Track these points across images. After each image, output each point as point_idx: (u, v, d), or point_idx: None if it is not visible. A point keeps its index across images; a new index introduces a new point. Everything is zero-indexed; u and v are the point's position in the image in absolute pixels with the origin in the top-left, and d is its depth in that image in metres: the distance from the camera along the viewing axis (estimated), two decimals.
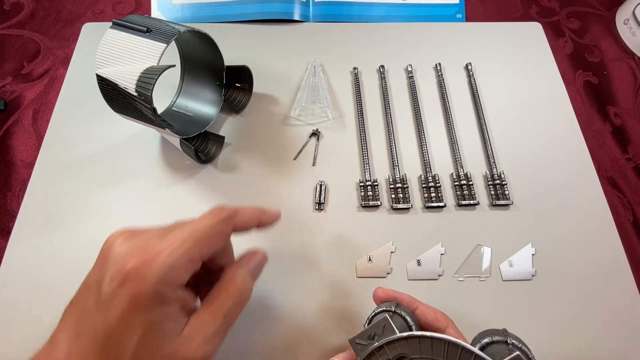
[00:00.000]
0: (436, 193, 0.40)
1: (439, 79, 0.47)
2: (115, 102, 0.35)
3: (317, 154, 0.43)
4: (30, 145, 0.43)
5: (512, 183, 0.41)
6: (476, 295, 0.36)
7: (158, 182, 0.41)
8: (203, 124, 0.42)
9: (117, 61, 0.32)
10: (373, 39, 0.50)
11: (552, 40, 0.51)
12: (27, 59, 0.48)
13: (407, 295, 0.27)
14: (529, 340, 0.25)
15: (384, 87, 0.47)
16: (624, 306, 0.36)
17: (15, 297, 0.35)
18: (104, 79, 0.33)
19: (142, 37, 0.32)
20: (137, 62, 0.31)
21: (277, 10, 0.50)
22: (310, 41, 0.50)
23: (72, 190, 0.40)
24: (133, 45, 0.32)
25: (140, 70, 0.31)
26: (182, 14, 0.51)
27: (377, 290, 0.27)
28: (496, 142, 0.43)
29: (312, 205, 0.40)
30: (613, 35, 0.53)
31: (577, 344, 0.35)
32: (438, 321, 0.26)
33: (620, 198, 0.42)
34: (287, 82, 0.47)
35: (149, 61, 0.31)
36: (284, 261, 0.37)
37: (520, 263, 0.37)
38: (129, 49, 0.32)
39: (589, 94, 0.49)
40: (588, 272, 0.37)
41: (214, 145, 0.42)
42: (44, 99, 0.46)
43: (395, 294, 0.27)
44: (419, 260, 0.37)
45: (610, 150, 0.45)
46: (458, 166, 0.42)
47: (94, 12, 0.52)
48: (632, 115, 0.47)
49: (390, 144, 0.43)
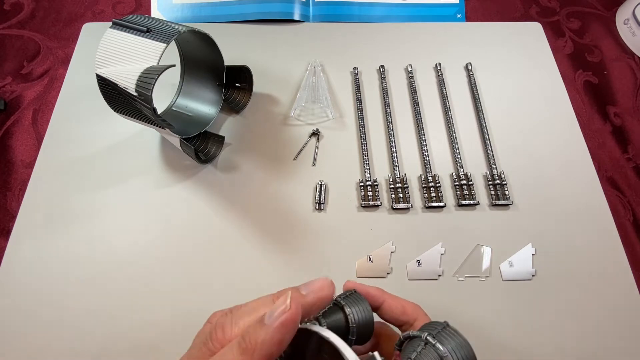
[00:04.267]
0: (436, 193, 0.40)
1: (439, 79, 0.47)
2: (115, 102, 0.35)
3: (317, 154, 0.43)
4: (30, 145, 0.43)
5: (512, 183, 0.41)
6: (476, 295, 0.36)
7: (158, 182, 0.41)
8: (203, 124, 0.42)
9: (117, 61, 0.32)
10: (373, 39, 0.50)
11: (552, 40, 0.51)
12: (27, 59, 0.48)
13: (375, 288, 0.26)
14: (529, 339, 0.25)
15: (384, 87, 0.47)
16: (624, 306, 0.36)
17: (16, 297, 0.35)
18: (104, 79, 0.33)
19: (142, 37, 0.32)
20: (137, 62, 0.31)
21: (277, 10, 0.50)
22: (310, 41, 0.50)
23: (72, 190, 0.40)
24: (133, 45, 0.32)
25: (140, 70, 0.31)
26: (182, 14, 0.51)
27: (347, 283, 0.26)
28: (496, 142, 0.43)
29: (312, 205, 0.40)
30: (613, 35, 0.53)
31: (577, 343, 0.35)
32: (406, 314, 0.25)
33: (620, 198, 0.42)
34: (287, 82, 0.47)
35: (149, 61, 0.31)
36: (283, 261, 0.37)
37: (520, 263, 0.37)
38: (129, 49, 0.32)
39: (589, 94, 0.49)
40: (588, 272, 0.37)
41: (214, 145, 0.42)
42: (44, 99, 0.46)
43: (363, 287, 0.25)
44: (419, 260, 0.37)
45: (610, 150, 0.45)
46: (458, 166, 0.42)
47: (94, 12, 0.52)
48: (632, 115, 0.47)
49: (390, 144, 0.43)
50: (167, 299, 0.35)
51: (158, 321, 0.34)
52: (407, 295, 0.26)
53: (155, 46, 0.31)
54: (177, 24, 0.35)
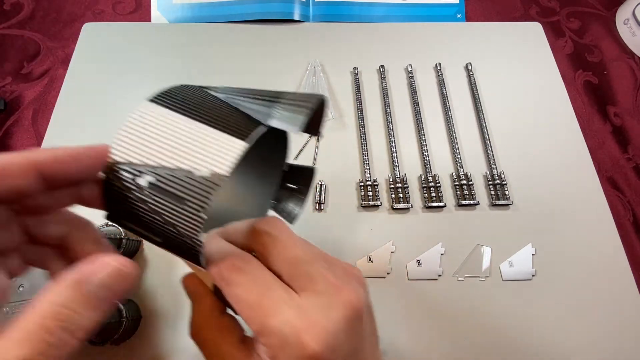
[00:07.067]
0: (436, 193, 0.40)
1: (439, 79, 0.47)
2: (120, 207, 0.18)
3: (317, 154, 0.43)
4: (30, 145, 0.43)
5: (512, 183, 0.41)
6: (476, 295, 0.36)
7: None
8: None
9: (152, 156, 0.17)
10: (373, 39, 0.50)
11: (552, 40, 0.51)
12: (27, 59, 0.48)
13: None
14: (529, 339, 0.25)
15: (384, 87, 0.47)
16: (624, 306, 0.36)
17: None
18: (119, 176, 0.18)
19: (201, 122, 0.18)
20: (182, 162, 0.17)
21: (277, 10, 0.50)
22: (310, 41, 0.50)
23: None
24: (187, 134, 0.18)
25: (201, 186, 0.16)
26: (182, 14, 0.51)
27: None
28: (496, 142, 0.43)
29: (312, 205, 0.40)
30: (613, 35, 0.53)
31: (577, 343, 0.35)
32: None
33: (620, 198, 0.42)
34: (287, 82, 0.47)
35: (216, 166, 0.17)
36: None
37: (520, 263, 0.37)
38: (178, 140, 0.18)
39: (589, 94, 0.49)
40: (588, 272, 0.37)
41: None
42: (44, 99, 0.46)
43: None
44: (419, 260, 0.37)
45: (610, 150, 0.45)
46: (458, 166, 0.42)
47: (94, 12, 0.52)
48: (632, 115, 0.47)
49: (390, 144, 0.43)
50: None
51: None
52: (407, 295, 0.26)
53: (226, 143, 0.17)
54: (247, 95, 0.20)
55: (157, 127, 0.18)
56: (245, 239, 0.20)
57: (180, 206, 0.17)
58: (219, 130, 0.18)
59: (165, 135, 0.18)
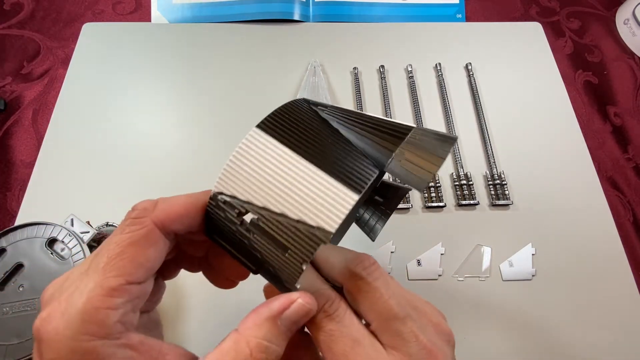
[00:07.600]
0: (436, 193, 0.40)
1: (439, 79, 0.47)
2: (220, 234, 0.19)
3: None
4: (30, 145, 0.43)
5: (512, 183, 0.41)
6: (476, 295, 0.36)
7: (158, 182, 0.41)
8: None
9: (258, 195, 0.17)
10: (373, 39, 0.50)
11: (552, 40, 0.51)
12: (27, 59, 0.48)
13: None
14: (528, 339, 0.25)
15: (384, 87, 0.47)
16: (624, 306, 0.36)
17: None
18: (223, 207, 0.18)
19: (312, 164, 0.17)
20: (289, 208, 0.17)
21: (277, 10, 0.50)
22: (310, 41, 0.50)
23: (71, 190, 0.40)
24: (297, 176, 0.17)
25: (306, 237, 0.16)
26: (182, 14, 0.51)
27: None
28: (496, 142, 0.44)
29: None
30: (613, 35, 0.53)
31: (577, 343, 0.35)
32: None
33: (620, 198, 0.42)
34: (287, 82, 0.47)
35: (319, 220, 0.16)
36: None
37: (520, 263, 0.37)
38: (286, 182, 0.17)
39: (589, 94, 0.49)
40: (588, 272, 0.37)
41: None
42: (44, 99, 0.46)
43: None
44: (419, 260, 0.37)
45: (610, 150, 0.45)
46: (458, 166, 0.42)
47: (94, 12, 0.52)
48: (632, 115, 0.47)
49: None
50: None
51: None
52: None
53: (339, 195, 0.16)
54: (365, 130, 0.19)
55: (266, 162, 0.17)
56: (338, 275, 0.19)
57: (282, 253, 0.17)
58: (331, 177, 0.17)
59: (273, 174, 0.17)
